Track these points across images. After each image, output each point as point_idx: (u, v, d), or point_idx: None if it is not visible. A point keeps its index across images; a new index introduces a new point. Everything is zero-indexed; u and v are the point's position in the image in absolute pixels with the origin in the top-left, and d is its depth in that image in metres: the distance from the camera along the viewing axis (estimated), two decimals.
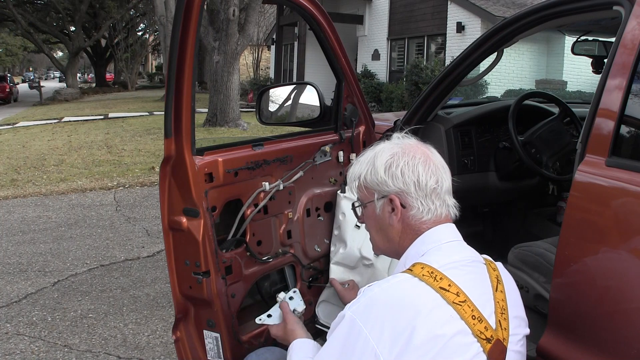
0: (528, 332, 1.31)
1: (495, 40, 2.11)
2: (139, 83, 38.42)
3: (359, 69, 17.99)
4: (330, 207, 2.13)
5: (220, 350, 1.77)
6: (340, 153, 2.15)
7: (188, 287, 1.73)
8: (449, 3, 15.31)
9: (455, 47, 14.50)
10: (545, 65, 14.23)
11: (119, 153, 9.61)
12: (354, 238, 2.05)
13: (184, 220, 1.67)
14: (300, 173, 1.98)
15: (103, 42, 35.75)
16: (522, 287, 2.16)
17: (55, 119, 16.46)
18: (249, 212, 1.82)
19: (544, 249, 2.12)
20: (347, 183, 2.11)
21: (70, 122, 15.65)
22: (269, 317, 1.63)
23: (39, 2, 33.70)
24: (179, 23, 1.56)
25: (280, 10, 20.90)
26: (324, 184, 2.11)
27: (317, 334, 2.03)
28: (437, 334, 1.11)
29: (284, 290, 1.75)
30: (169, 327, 3.22)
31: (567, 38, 2.98)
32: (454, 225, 1.31)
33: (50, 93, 27.90)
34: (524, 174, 2.70)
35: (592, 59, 2.61)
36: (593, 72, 2.60)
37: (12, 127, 15.37)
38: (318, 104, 2.21)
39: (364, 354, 1.11)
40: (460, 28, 14.76)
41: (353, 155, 2.18)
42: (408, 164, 1.27)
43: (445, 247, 1.26)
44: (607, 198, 1.45)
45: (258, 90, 4.55)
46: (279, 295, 1.70)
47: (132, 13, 34.17)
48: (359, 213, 1.42)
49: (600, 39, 2.59)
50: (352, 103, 2.21)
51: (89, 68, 53.87)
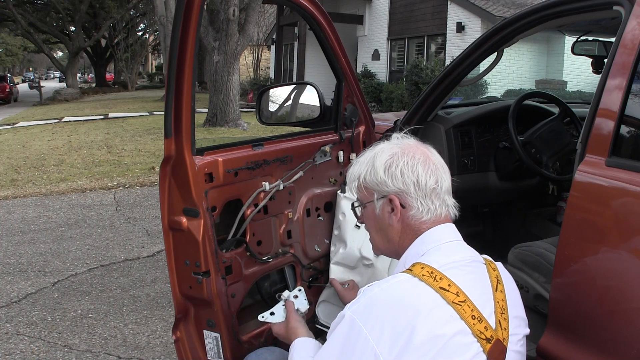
0: (528, 332, 1.31)
1: (495, 40, 2.11)
2: (139, 83, 38.42)
3: (359, 69, 17.99)
4: (330, 207, 2.13)
5: (220, 350, 1.77)
6: (340, 153, 2.15)
7: (188, 287, 1.73)
8: (449, 3, 15.31)
9: (455, 47, 14.50)
10: (545, 65, 14.23)
11: (119, 153, 9.61)
12: (354, 238, 2.05)
13: (184, 220, 1.67)
14: (300, 173, 1.98)
15: (103, 42, 35.75)
16: (522, 287, 2.16)
17: (55, 119, 16.46)
18: (249, 212, 1.82)
19: (544, 249, 2.12)
20: (347, 183, 2.11)
21: (70, 122, 15.66)
22: (272, 315, 1.63)
23: (39, 2, 33.71)
24: (179, 23, 1.57)
25: (280, 10, 20.90)
26: (324, 184, 2.11)
27: (317, 334, 2.02)
28: (437, 334, 1.11)
29: (288, 289, 1.75)
30: (169, 327, 3.22)
31: (567, 38, 2.98)
32: (454, 225, 1.32)
33: (50, 93, 27.89)
34: (524, 174, 2.70)
35: (592, 59, 2.61)
36: (593, 72, 2.60)
37: (12, 127, 15.37)
38: (318, 104, 2.21)
39: (364, 354, 1.12)
40: (460, 28, 14.76)
41: (353, 155, 2.18)
42: (407, 164, 1.28)
43: (445, 247, 1.26)
44: (607, 198, 1.45)
45: (258, 90, 4.55)
46: (283, 294, 1.70)
47: (132, 13, 34.18)
48: (359, 213, 1.42)
49: (600, 39, 2.59)
50: (352, 103, 2.20)
51: (89, 68, 53.87)
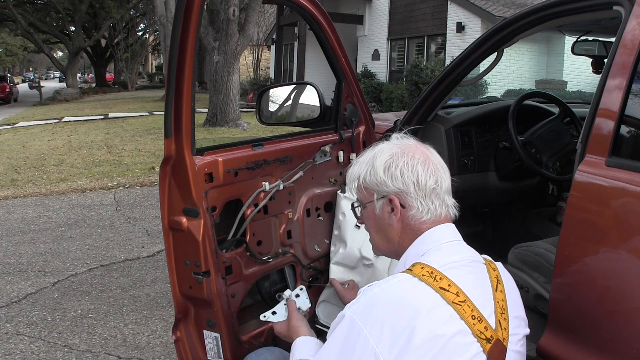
0: (528, 332, 1.31)
1: (495, 40, 2.11)
2: (139, 83, 38.42)
3: (359, 69, 17.99)
4: (330, 207, 2.13)
5: (220, 350, 1.77)
6: (340, 153, 2.15)
7: (188, 287, 1.73)
8: (449, 3, 15.31)
9: (455, 47, 14.50)
10: (545, 65, 14.23)
11: (119, 153, 9.61)
12: (354, 238, 2.05)
13: (184, 220, 1.67)
14: (300, 173, 1.98)
15: (103, 42, 35.75)
16: (522, 287, 2.16)
17: (55, 119, 16.46)
18: (249, 212, 1.82)
19: (544, 249, 2.12)
20: (346, 183, 2.10)
21: (70, 122, 15.65)
22: (274, 314, 1.63)
23: (39, 2, 33.71)
24: (179, 23, 1.56)
25: (280, 10, 20.90)
26: (324, 184, 2.11)
27: (317, 334, 2.02)
28: (437, 334, 1.11)
29: (288, 289, 1.75)
30: (169, 327, 3.22)
31: (567, 38, 2.98)
32: (454, 225, 1.32)
33: (50, 93, 27.89)
34: (524, 174, 2.70)
35: (592, 59, 2.61)
36: (593, 72, 2.60)
37: (12, 127, 15.37)
38: (318, 104, 2.21)
39: (364, 354, 1.11)
40: (460, 28, 14.76)
41: (353, 155, 2.18)
42: (407, 164, 1.28)
43: (445, 247, 1.26)
44: (607, 198, 1.45)
45: (258, 90, 4.55)
46: (285, 293, 1.70)
47: (132, 13, 34.17)
48: (359, 213, 1.42)
49: (600, 39, 2.59)
50: (352, 103, 2.20)
51: (89, 68, 53.87)
